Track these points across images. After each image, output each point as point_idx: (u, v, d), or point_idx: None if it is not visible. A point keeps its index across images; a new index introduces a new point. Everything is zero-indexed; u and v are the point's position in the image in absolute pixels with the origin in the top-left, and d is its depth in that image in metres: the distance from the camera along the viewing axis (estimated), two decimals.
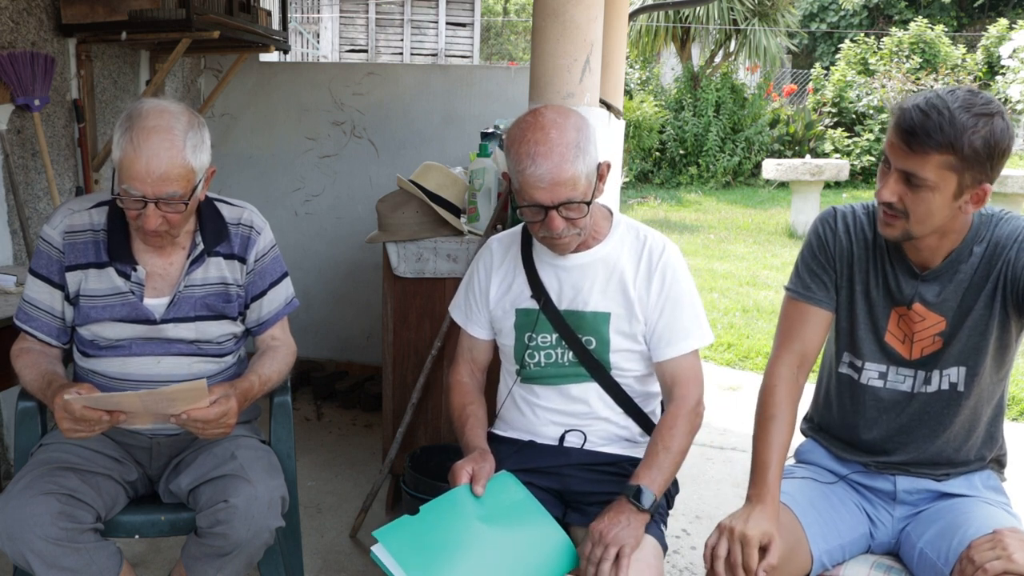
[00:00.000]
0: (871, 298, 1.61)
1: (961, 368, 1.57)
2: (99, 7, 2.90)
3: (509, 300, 1.78)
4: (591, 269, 1.72)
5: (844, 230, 1.62)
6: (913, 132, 1.38)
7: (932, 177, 1.39)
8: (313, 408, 3.74)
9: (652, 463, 1.61)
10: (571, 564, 1.58)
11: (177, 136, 1.60)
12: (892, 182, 1.44)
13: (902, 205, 1.44)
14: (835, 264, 1.63)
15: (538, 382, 1.76)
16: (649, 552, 1.55)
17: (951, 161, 1.38)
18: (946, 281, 1.54)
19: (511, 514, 1.60)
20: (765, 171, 9.05)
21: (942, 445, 1.62)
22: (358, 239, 3.77)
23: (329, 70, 4.10)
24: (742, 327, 5.38)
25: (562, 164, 1.55)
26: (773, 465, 1.53)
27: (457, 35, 13.17)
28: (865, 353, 1.63)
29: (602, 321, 1.70)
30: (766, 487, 1.50)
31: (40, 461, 1.67)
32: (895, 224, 1.47)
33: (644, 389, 1.79)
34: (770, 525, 1.44)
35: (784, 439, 1.57)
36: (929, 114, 1.37)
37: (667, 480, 1.62)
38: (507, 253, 1.82)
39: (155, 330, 1.74)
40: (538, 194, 1.57)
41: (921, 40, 13.56)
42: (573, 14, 2.18)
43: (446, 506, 1.57)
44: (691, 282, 1.74)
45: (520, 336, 1.76)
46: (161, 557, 2.47)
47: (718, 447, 3.51)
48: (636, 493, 1.56)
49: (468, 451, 1.71)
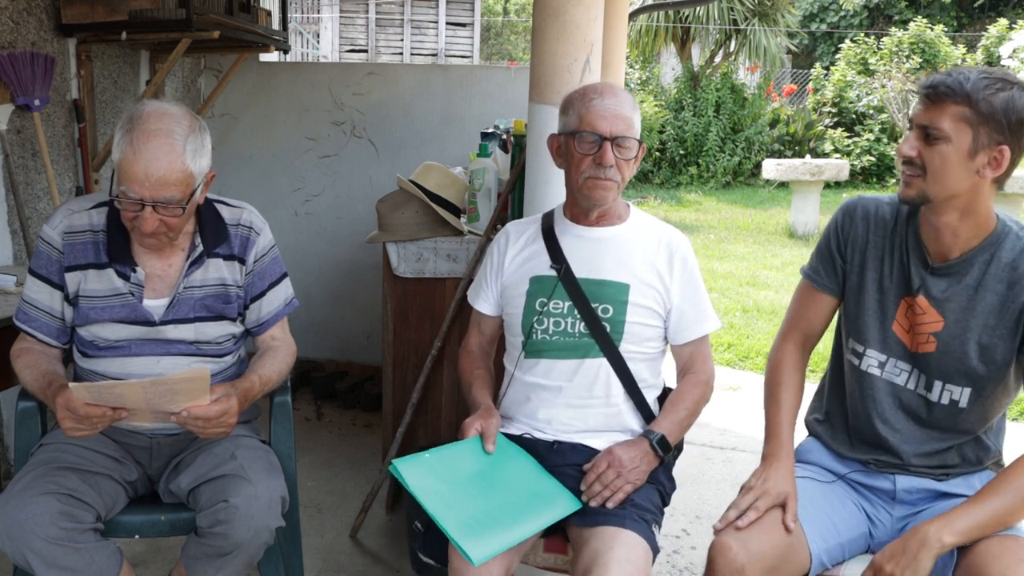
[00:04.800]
0: (883, 287, 1.62)
1: (966, 389, 1.57)
2: (99, 7, 2.90)
3: (525, 270, 1.85)
4: (612, 243, 1.82)
5: (862, 217, 1.66)
6: (934, 86, 1.46)
7: (947, 128, 1.44)
8: (313, 408, 3.74)
9: (672, 417, 1.77)
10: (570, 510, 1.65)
11: (177, 140, 1.59)
12: (912, 138, 1.50)
13: (920, 160, 1.48)
14: (846, 251, 1.67)
15: (543, 355, 1.79)
16: (638, 553, 1.55)
17: (966, 113, 1.43)
18: (955, 281, 1.54)
19: (512, 469, 1.70)
20: (765, 171, 9.04)
21: (943, 448, 1.62)
22: (358, 239, 3.77)
23: (329, 70, 4.10)
24: (742, 327, 5.38)
25: (624, 103, 1.76)
26: (785, 424, 1.68)
27: (457, 35, 13.17)
28: (868, 340, 1.64)
29: (621, 291, 1.78)
30: (780, 444, 1.65)
31: (40, 461, 1.67)
32: (913, 183, 1.50)
33: (647, 376, 1.82)
34: (786, 483, 1.59)
35: (793, 401, 1.71)
36: (951, 74, 1.46)
37: (678, 436, 1.79)
38: (526, 231, 1.92)
39: (155, 331, 1.74)
40: (601, 123, 1.73)
41: (921, 40, 13.56)
42: (573, 14, 2.18)
43: (458, 452, 1.68)
44: (700, 271, 1.87)
45: (531, 303, 1.80)
46: (161, 557, 2.47)
47: (718, 447, 3.51)
48: (660, 440, 1.71)
49: (475, 408, 1.81)
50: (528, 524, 1.58)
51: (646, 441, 1.71)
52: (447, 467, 1.64)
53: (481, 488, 1.63)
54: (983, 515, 1.46)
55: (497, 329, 1.96)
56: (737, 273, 7.05)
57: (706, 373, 1.85)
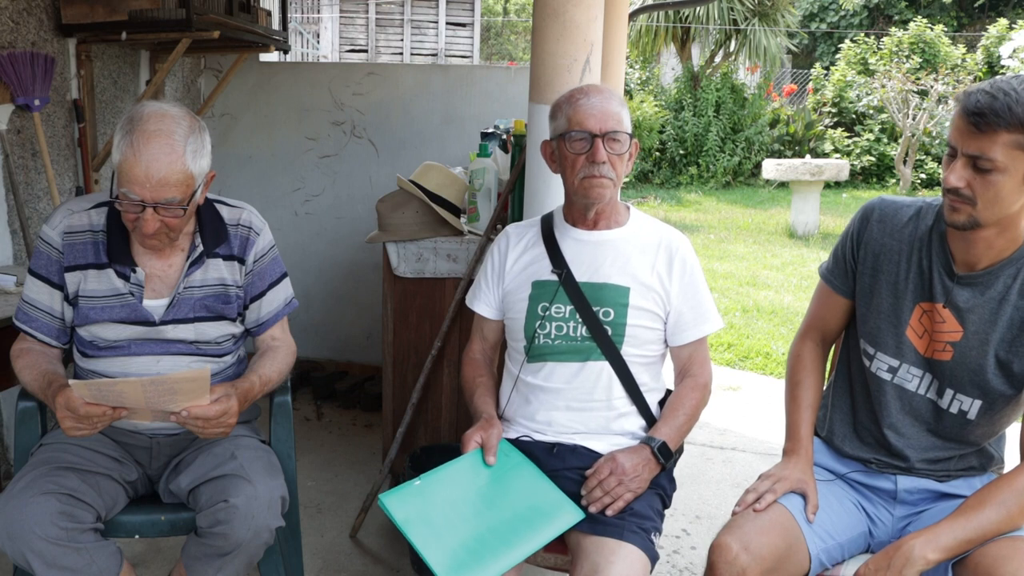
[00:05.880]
0: (898, 291, 1.61)
1: (976, 401, 1.56)
2: (99, 7, 2.90)
3: (527, 275, 1.84)
4: (612, 247, 1.81)
5: (878, 221, 1.63)
6: (981, 113, 1.36)
7: (1001, 158, 1.37)
8: (313, 408, 3.74)
9: (672, 422, 1.76)
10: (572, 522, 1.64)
11: (177, 141, 1.59)
12: (959, 167, 1.41)
13: (969, 191, 1.41)
14: (859, 253, 1.66)
15: (546, 358, 1.79)
16: (637, 569, 1.55)
17: (1020, 140, 1.35)
18: (979, 292, 1.52)
19: (513, 478, 1.70)
20: (765, 171, 9.05)
21: (948, 456, 1.63)
22: (358, 239, 3.77)
23: (329, 70, 4.10)
24: (742, 327, 5.38)
25: (611, 100, 1.76)
26: (804, 423, 1.70)
27: (457, 35, 13.17)
28: (879, 343, 1.64)
29: (622, 294, 1.77)
30: (799, 442, 1.67)
31: (40, 461, 1.67)
32: (961, 209, 1.44)
33: (648, 380, 1.82)
34: (804, 474, 1.62)
35: (812, 399, 1.72)
36: (996, 95, 1.35)
37: (679, 441, 1.78)
38: (525, 234, 1.91)
39: (154, 331, 1.74)
40: (589, 121, 1.73)
41: (921, 40, 13.56)
42: (573, 14, 2.18)
43: (454, 472, 1.67)
44: (702, 271, 1.86)
45: (533, 308, 1.80)
46: (161, 557, 2.48)
47: (718, 447, 3.51)
48: (662, 447, 1.71)
49: (477, 417, 1.80)
50: (526, 544, 1.57)
51: (648, 448, 1.71)
52: (441, 491, 1.63)
53: (477, 509, 1.61)
54: (969, 530, 1.44)
55: (500, 333, 1.96)
56: (737, 273, 7.05)
57: (704, 376, 1.84)
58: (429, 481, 1.64)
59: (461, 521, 1.58)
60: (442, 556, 1.51)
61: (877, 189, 12.41)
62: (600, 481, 1.65)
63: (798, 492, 1.60)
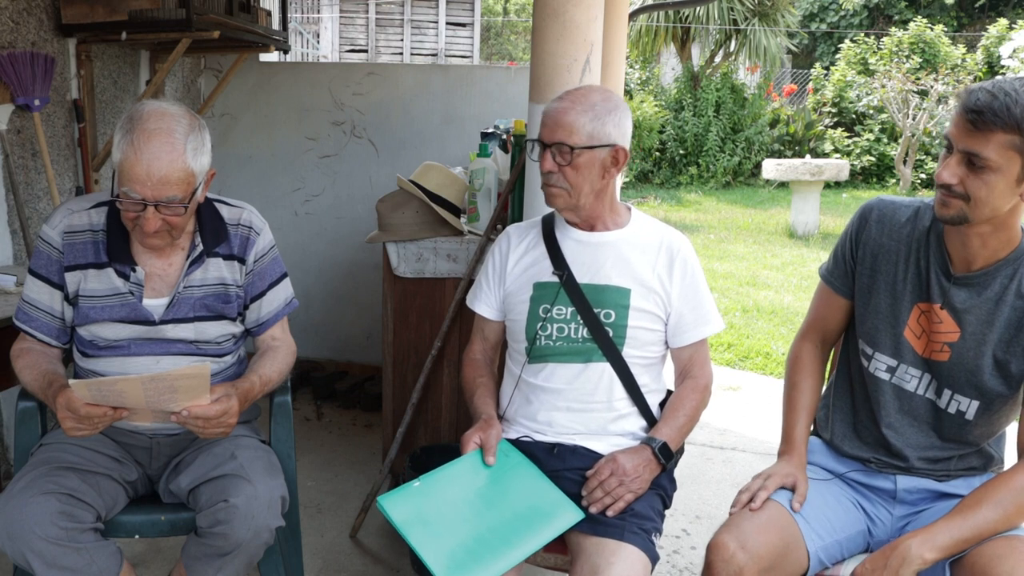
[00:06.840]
0: (896, 291, 1.61)
1: (974, 402, 1.57)
2: (99, 7, 2.90)
3: (528, 276, 1.84)
4: (613, 248, 1.80)
5: (877, 221, 1.64)
6: (979, 111, 1.37)
7: (995, 157, 1.37)
8: (313, 408, 3.74)
9: (672, 423, 1.76)
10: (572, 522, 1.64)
11: (178, 139, 1.59)
12: (953, 163, 1.42)
13: (962, 188, 1.42)
14: (857, 253, 1.66)
15: (547, 360, 1.78)
16: (637, 569, 1.55)
17: (1015, 141, 1.36)
18: (976, 292, 1.52)
19: (513, 479, 1.70)
20: (765, 171, 9.05)
21: (946, 456, 1.63)
22: (358, 239, 3.77)
23: (329, 70, 4.10)
24: (742, 327, 5.38)
25: (571, 109, 1.69)
26: (798, 425, 1.71)
27: (457, 35, 13.17)
28: (877, 343, 1.64)
29: (623, 296, 1.76)
30: (793, 444, 1.69)
31: (40, 461, 1.67)
32: (951, 204, 1.44)
33: (649, 381, 1.82)
34: (794, 469, 1.64)
35: (808, 402, 1.73)
36: (997, 95, 1.36)
37: (679, 442, 1.78)
38: (526, 235, 1.90)
39: (154, 331, 1.74)
40: (543, 129, 1.72)
41: (921, 40, 13.56)
42: (573, 14, 2.18)
43: (454, 473, 1.67)
44: (703, 272, 1.85)
45: (534, 309, 1.80)
46: (161, 557, 2.48)
47: (718, 447, 3.51)
48: (662, 448, 1.71)
49: (476, 418, 1.80)
50: (526, 545, 1.58)
51: (648, 449, 1.71)
52: (440, 492, 1.63)
53: (477, 510, 1.61)
54: (966, 529, 1.45)
55: (500, 334, 1.95)
56: (737, 273, 7.05)
57: (704, 377, 1.84)
58: (428, 482, 1.64)
59: (460, 521, 1.58)
60: (441, 556, 1.51)
61: (877, 189, 12.41)
62: (601, 482, 1.65)
63: (788, 486, 1.61)
